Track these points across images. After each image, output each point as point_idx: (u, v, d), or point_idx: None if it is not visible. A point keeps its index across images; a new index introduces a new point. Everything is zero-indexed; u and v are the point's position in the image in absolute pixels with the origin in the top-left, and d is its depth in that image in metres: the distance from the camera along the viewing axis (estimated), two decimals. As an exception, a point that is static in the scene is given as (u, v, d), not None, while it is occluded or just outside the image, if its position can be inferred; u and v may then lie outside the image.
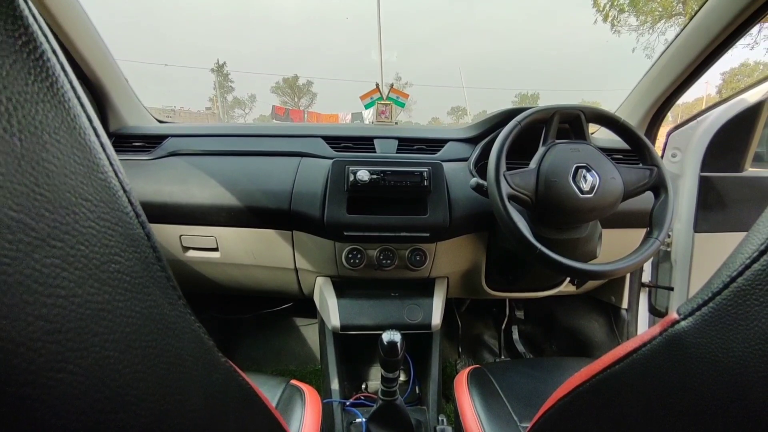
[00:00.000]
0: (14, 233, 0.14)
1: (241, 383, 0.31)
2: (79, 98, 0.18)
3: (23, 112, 0.15)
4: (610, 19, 15.66)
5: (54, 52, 0.16)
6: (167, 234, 1.04)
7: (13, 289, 0.14)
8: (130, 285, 0.19)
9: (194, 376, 0.25)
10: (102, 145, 0.19)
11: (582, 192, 0.80)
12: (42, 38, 0.16)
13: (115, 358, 0.18)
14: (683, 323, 0.26)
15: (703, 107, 1.18)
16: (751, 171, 1.17)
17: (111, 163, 0.19)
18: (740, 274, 0.23)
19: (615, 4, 15.44)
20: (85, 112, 0.18)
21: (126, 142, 1.13)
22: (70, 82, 0.17)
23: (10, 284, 0.14)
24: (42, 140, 0.15)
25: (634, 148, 0.90)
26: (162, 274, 0.22)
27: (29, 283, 0.14)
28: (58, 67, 0.17)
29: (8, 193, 0.14)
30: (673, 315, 0.27)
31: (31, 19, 0.15)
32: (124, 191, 0.20)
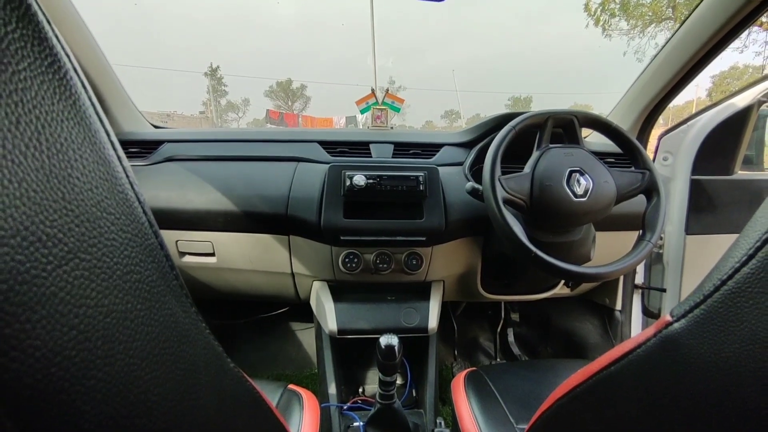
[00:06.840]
0: (48, 247, 0.15)
1: (248, 388, 0.32)
2: (98, 114, 0.18)
3: (50, 131, 0.15)
4: (601, 23, 15.79)
5: (75, 70, 0.17)
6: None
7: (49, 301, 0.15)
8: (148, 294, 0.20)
9: (207, 381, 0.25)
10: (119, 158, 0.19)
11: (576, 196, 0.81)
12: (65, 58, 0.16)
13: (137, 365, 0.19)
14: (676, 325, 0.27)
15: (694, 110, 1.20)
16: (740, 174, 1.19)
17: (127, 176, 0.20)
18: (730, 277, 0.23)
19: (606, 8, 15.58)
20: (104, 126, 0.19)
21: (122, 148, 1.13)
22: (90, 99, 0.18)
23: (46, 296, 0.14)
24: (68, 157, 0.16)
25: (626, 152, 0.92)
26: (176, 282, 0.22)
27: (62, 294, 0.15)
28: (79, 85, 0.17)
29: (42, 209, 0.15)
30: (667, 317, 0.28)
31: (54, 40, 0.16)
32: (139, 202, 0.20)
